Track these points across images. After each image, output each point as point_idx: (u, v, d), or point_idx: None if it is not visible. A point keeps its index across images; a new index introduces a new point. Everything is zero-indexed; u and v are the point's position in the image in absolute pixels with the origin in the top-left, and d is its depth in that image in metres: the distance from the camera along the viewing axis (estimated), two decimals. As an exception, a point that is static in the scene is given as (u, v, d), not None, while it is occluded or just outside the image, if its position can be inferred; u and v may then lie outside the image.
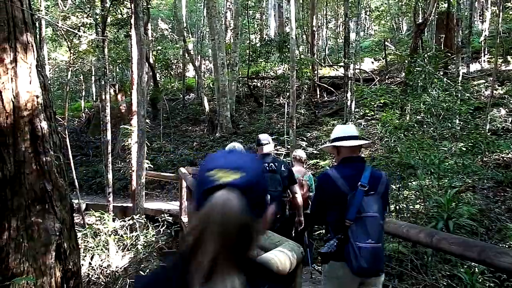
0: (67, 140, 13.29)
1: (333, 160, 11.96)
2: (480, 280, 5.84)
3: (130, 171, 12.96)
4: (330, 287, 3.34)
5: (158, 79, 25.74)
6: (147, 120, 13.12)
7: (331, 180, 3.24)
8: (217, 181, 1.03)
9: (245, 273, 1.01)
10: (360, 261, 2.97)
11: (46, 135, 4.56)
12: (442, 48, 15.40)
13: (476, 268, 5.85)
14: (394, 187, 8.13)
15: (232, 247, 0.99)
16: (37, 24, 15.32)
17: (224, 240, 0.98)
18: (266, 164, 4.93)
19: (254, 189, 1.05)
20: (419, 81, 9.26)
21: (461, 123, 10.34)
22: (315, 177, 6.57)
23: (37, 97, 4.50)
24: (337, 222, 3.15)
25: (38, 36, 15.25)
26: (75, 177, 13.37)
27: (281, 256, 2.64)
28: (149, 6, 20.04)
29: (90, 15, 15.53)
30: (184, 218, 10.02)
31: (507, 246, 7.21)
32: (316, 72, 22.63)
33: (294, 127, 11.45)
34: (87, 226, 8.51)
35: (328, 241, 3.18)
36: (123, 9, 17.20)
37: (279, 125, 18.87)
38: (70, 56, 15.11)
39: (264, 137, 5.25)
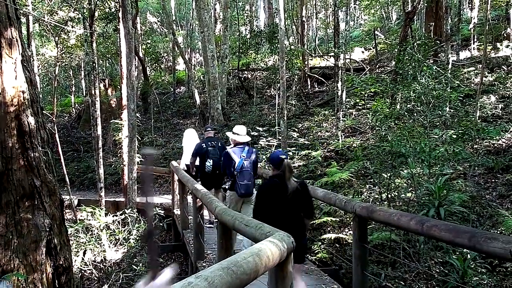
0: (57, 135, 13.22)
1: (325, 151, 12.35)
2: (472, 266, 5.88)
3: (122, 165, 12.90)
4: (230, 204, 6.51)
5: (148, 73, 25.59)
6: (138, 114, 13.05)
7: (229, 154, 6.44)
8: (283, 157, 4.47)
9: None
10: (241, 190, 6.27)
11: (34, 130, 4.52)
12: (432, 36, 15.37)
13: (468, 255, 5.89)
14: (385, 175, 8.14)
15: (292, 171, 4.53)
16: (24, 20, 15.15)
17: (290, 170, 4.48)
18: (210, 143, 7.92)
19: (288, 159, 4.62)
20: (409, 70, 9.22)
21: (451, 110, 10.36)
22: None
23: (23, 92, 4.45)
24: (231, 173, 6.36)
25: (26, 32, 15.14)
26: (66, 172, 13.31)
27: (272, 246, 2.64)
28: (137, -1, 19.85)
29: (77, 9, 15.37)
30: (177, 211, 9.99)
31: (498, 232, 7.26)
32: (306, 62, 22.57)
33: (285, 118, 11.43)
34: (78, 222, 8.48)
35: (226, 182, 6.61)
36: (110, 2, 17.05)
37: (270, 117, 18.85)
38: (58, 51, 14.98)
39: (209, 127, 8.60)
